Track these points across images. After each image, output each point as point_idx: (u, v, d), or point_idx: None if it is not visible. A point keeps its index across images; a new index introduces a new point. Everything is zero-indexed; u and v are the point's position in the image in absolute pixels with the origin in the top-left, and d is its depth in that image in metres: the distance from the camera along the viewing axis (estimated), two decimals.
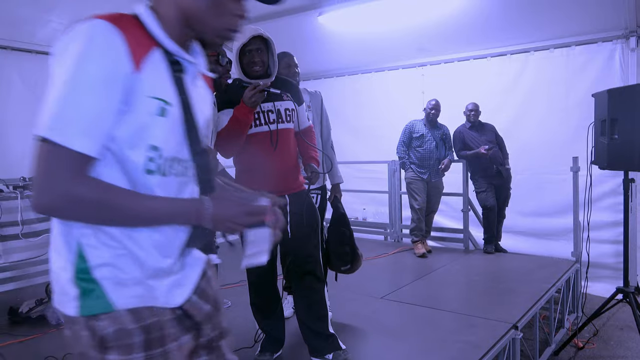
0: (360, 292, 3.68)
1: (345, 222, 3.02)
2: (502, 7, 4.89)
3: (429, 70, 6.08)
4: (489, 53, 5.60)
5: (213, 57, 2.09)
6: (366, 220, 6.40)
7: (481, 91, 5.46)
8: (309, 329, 2.45)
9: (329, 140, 3.37)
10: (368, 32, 5.57)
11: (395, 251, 5.15)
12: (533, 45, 5.30)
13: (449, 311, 3.26)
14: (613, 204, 4.83)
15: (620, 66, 4.83)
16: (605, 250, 4.83)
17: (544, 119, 5.28)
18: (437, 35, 5.48)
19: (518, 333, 2.88)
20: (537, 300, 3.36)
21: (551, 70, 5.24)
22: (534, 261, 4.52)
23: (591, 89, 4.22)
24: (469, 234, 5.23)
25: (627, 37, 4.76)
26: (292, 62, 3.12)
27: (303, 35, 5.77)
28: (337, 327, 2.70)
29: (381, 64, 6.38)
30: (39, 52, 4.58)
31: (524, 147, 5.27)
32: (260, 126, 2.31)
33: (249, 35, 2.24)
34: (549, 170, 5.18)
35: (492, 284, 3.93)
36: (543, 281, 3.78)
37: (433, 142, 4.94)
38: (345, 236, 2.97)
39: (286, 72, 3.02)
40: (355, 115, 6.55)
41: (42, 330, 3.06)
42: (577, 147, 4.24)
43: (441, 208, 5.35)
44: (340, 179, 3.35)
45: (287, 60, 3.09)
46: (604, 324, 4.16)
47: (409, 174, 5.00)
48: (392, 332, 2.96)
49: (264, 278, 2.49)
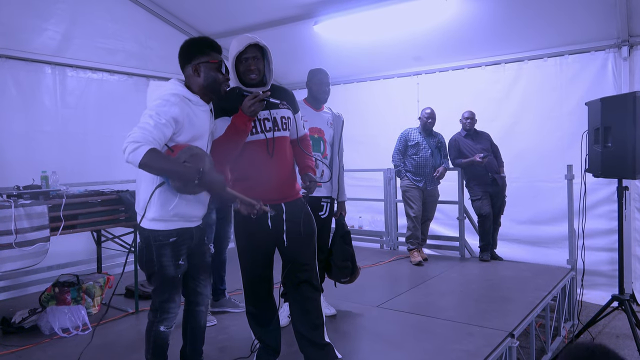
0: (357, 300, 3.66)
1: (350, 239, 3.32)
2: (496, 17, 4.94)
3: (424, 78, 6.12)
4: (483, 62, 5.65)
5: (214, 65, 2.11)
6: (362, 228, 6.39)
7: (476, 100, 5.49)
8: (305, 338, 2.43)
9: (342, 160, 3.45)
10: (363, 41, 5.61)
11: (392, 259, 5.15)
12: (527, 55, 5.36)
13: (446, 319, 3.25)
14: (608, 212, 4.85)
15: (612, 75, 4.89)
16: (601, 258, 4.84)
17: (538, 127, 5.31)
18: (432, 44, 5.53)
19: (514, 341, 2.88)
20: (533, 308, 3.36)
21: (545, 79, 5.29)
22: (529, 269, 4.52)
23: (584, 98, 4.27)
24: (464, 242, 5.24)
25: (619, 46, 4.82)
26: (325, 81, 3.22)
27: (299, 44, 5.80)
28: (333, 336, 2.69)
29: (377, 73, 6.41)
30: (34, 60, 4.58)
31: (518, 155, 5.30)
32: (256, 134, 2.31)
33: (246, 43, 2.25)
34: (544, 178, 5.21)
35: (488, 291, 3.93)
36: (539, 289, 3.78)
37: (428, 150, 4.96)
38: (348, 253, 3.28)
39: (316, 89, 3.18)
40: (351, 124, 6.48)
41: (35, 341, 3.02)
42: (571, 155, 4.27)
43: (437, 216, 5.35)
44: (346, 197, 3.48)
45: (320, 77, 3.19)
46: (600, 331, 4.16)
47: (405, 182, 5.01)
48: (389, 341, 2.95)
49: (260, 287, 2.47)
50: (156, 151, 1.87)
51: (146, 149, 1.84)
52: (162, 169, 1.92)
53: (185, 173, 1.91)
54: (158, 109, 1.95)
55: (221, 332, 3.09)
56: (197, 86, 2.12)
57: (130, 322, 3.35)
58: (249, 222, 2.29)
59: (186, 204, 2.08)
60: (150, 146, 1.85)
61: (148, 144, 1.85)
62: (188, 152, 1.96)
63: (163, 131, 1.92)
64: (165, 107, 1.96)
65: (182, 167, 1.91)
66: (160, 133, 1.91)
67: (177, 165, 1.91)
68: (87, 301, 3.52)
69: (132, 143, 1.85)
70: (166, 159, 1.92)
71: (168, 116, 1.94)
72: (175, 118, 1.96)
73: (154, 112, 1.94)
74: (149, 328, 2.14)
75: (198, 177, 1.91)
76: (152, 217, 2.05)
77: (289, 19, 5.48)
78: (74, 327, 3.15)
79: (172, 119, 1.95)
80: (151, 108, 1.96)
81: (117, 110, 5.12)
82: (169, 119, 1.94)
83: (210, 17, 5.77)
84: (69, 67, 4.87)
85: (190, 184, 1.93)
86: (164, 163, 1.90)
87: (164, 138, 1.93)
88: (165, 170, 1.93)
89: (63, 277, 3.57)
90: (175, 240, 2.07)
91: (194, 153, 1.98)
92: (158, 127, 1.91)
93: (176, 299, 2.14)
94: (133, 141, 1.85)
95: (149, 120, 1.92)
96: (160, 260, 2.07)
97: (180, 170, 1.91)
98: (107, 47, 5.17)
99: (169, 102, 1.98)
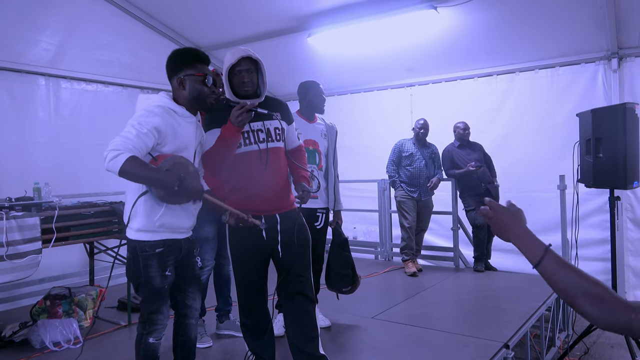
0: (352, 312, 3.65)
1: (347, 246, 3.33)
2: (488, 29, 5.00)
3: (418, 90, 6.17)
4: (476, 74, 5.71)
5: (199, 78, 2.12)
6: (356, 239, 6.38)
7: (469, 111, 5.54)
8: (299, 350, 2.41)
9: (337, 170, 3.48)
10: (357, 53, 5.66)
11: (386, 270, 5.14)
12: (518, 66, 5.42)
13: (441, 330, 3.24)
14: (600, 222, 4.88)
15: (603, 86, 4.96)
16: (594, 268, 4.85)
17: (531, 138, 5.36)
18: (425, 56, 5.58)
19: (509, 352, 2.87)
20: (527, 319, 3.35)
21: (536, 90, 5.35)
22: (524, 279, 4.53)
23: (576, 109, 4.32)
24: (459, 253, 5.24)
25: (609, 58, 4.89)
26: (322, 90, 3.30)
27: (293, 56, 5.84)
28: (329, 348, 2.67)
29: (370, 84, 6.46)
30: (28, 72, 4.58)
31: (511, 166, 5.33)
32: (250, 145, 2.32)
33: (239, 56, 2.26)
34: (537, 188, 5.23)
35: (483, 302, 3.93)
36: (533, 299, 3.78)
37: (422, 161, 4.98)
38: (348, 260, 3.28)
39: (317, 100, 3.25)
40: (345, 135, 6.50)
41: (26, 355, 2.98)
42: (563, 166, 4.30)
43: (431, 226, 5.36)
44: (342, 206, 3.47)
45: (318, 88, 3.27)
46: (595, 342, 4.16)
47: (399, 192, 5.03)
48: (385, 353, 2.93)
49: (254, 299, 2.46)
50: (136, 159, 1.88)
51: (126, 156, 1.85)
52: (142, 176, 1.92)
53: (164, 180, 1.91)
54: (140, 119, 1.98)
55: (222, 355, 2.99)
56: (182, 98, 2.14)
57: (122, 335, 3.31)
58: (243, 233, 2.29)
59: (172, 215, 2.07)
60: (130, 154, 1.87)
61: (128, 151, 1.87)
62: (171, 161, 1.98)
63: (144, 140, 1.94)
64: (148, 118, 1.98)
65: (161, 174, 1.92)
66: (142, 142, 1.93)
67: (156, 172, 1.92)
68: (79, 314, 3.48)
69: (112, 151, 1.86)
70: (145, 166, 1.92)
71: (150, 126, 1.96)
72: (157, 128, 1.98)
73: (136, 122, 1.96)
74: (138, 340, 2.13)
75: (178, 183, 1.91)
76: (138, 227, 2.05)
77: (283, 31, 5.52)
78: (66, 340, 3.11)
79: (154, 128, 1.97)
80: (134, 118, 1.99)
81: (111, 121, 5.07)
82: (150, 128, 1.96)
83: (205, 29, 5.80)
84: (63, 78, 4.88)
85: (171, 191, 1.93)
86: (143, 170, 1.90)
87: (145, 147, 1.95)
88: (145, 178, 1.93)
89: (55, 290, 3.53)
90: (162, 250, 2.07)
91: (177, 162, 1.99)
92: (139, 137, 1.92)
93: (164, 311, 2.13)
94: (113, 149, 1.87)
95: (130, 129, 1.94)
96: (147, 271, 2.06)
97: (160, 177, 1.92)
98: (101, 58, 5.18)
99: (151, 113, 2.00)
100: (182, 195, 1.98)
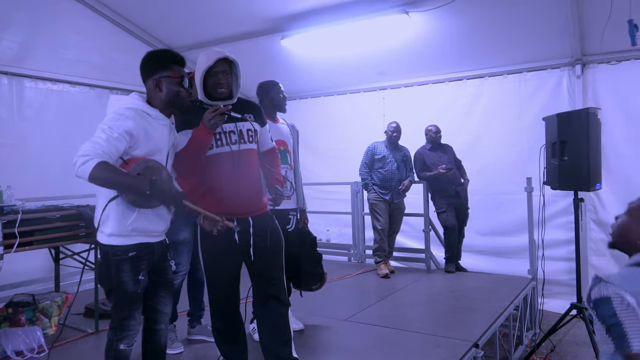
0: (324, 314, 3.65)
1: (316, 245, 3.34)
2: (459, 35, 5.10)
3: (390, 93, 6.24)
4: (446, 78, 5.81)
5: (176, 80, 2.09)
6: (330, 241, 6.39)
7: (440, 114, 5.64)
8: (273, 354, 2.40)
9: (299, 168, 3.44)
10: (330, 56, 5.68)
11: (359, 272, 5.16)
12: (488, 71, 5.56)
13: (413, 331, 3.28)
14: (565, 223, 5.03)
15: (567, 91, 5.12)
16: (560, 267, 5.01)
17: (499, 141, 5.49)
18: (397, 60, 5.65)
19: (479, 351, 2.93)
20: (496, 318, 3.43)
21: (505, 94, 5.49)
22: (492, 279, 4.63)
23: (542, 113, 4.44)
24: (430, 254, 5.31)
25: (573, 64, 5.06)
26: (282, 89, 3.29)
27: (267, 58, 5.81)
28: (301, 352, 2.66)
29: (343, 87, 6.50)
30: None
31: (481, 168, 5.44)
32: (222, 147, 2.30)
33: (215, 57, 2.24)
34: (505, 190, 5.36)
35: (454, 302, 3.99)
36: (502, 299, 3.87)
37: (394, 164, 5.03)
38: (318, 258, 3.29)
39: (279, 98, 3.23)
40: (318, 137, 6.60)
41: None
42: (530, 168, 4.41)
43: (403, 228, 5.41)
44: (307, 206, 3.45)
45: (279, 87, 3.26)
46: (561, 340, 4.28)
47: (372, 195, 5.06)
48: (357, 355, 2.95)
49: (226, 303, 2.43)
50: (106, 164, 1.84)
51: (95, 162, 1.81)
52: (112, 181, 1.89)
53: (136, 184, 1.88)
54: (110, 123, 1.93)
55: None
56: (158, 100, 2.10)
57: (90, 343, 3.21)
58: (215, 236, 2.26)
59: (145, 219, 2.03)
60: (100, 159, 1.83)
61: (98, 157, 1.83)
62: (143, 165, 1.94)
63: (115, 145, 1.90)
64: (119, 121, 1.94)
65: (132, 178, 1.89)
66: (112, 147, 1.89)
67: (127, 177, 1.89)
68: (44, 322, 3.36)
69: (82, 157, 1.83)
70: (116, 171, 1.88)
71: (121, 130, 1.92)
72: (128, 131, 1.94)
73: (107, 126, 1.92)
74: (108, 347, 2.07)
75: (149, 188, 1.87)
76: (110, 232, 2.00)
77: (257, 33, 5.49)
78: (29, 349, 3.00)
79: (125, 132, 1.93)
80: (104, 122, 1.95)
81: (79, 122, 4.95)
82: (121, 132, 1.92)
83: (176, 30, 5.72)
84: (27, 77, 4.71)
85: (143, 196, 1.90)
86: (113, 176, 1.86)
87: (116, 152, 1.91)
88: (115, 183, 1.90)
89: (17, 297, 3.40)
90: (134, 255, 2.02)
91: (149, 166, 1.95)
92: (109, 141, 1.88)
93: (136, 316, 2.08)
94: (82, 155, 1.83)
95: (101, 134, 1.90)
96: (119, 275, 2.01)
97: (131, 182, 1.88)
98: (68, 57, 5.03)
99: (122, 116, 1.96)
100: (154, 200, 1.95)
